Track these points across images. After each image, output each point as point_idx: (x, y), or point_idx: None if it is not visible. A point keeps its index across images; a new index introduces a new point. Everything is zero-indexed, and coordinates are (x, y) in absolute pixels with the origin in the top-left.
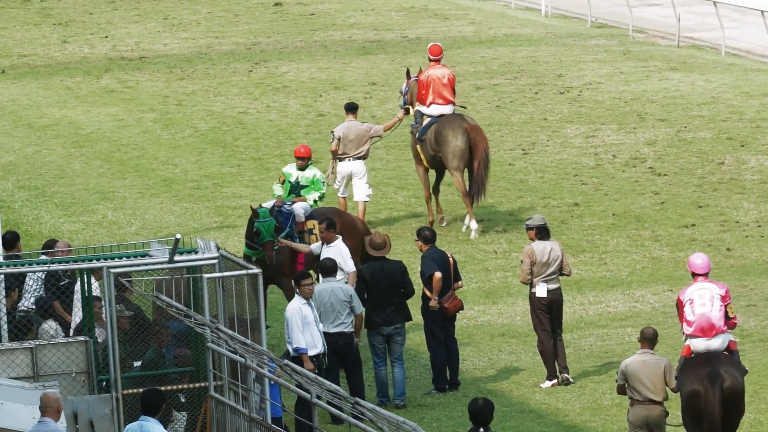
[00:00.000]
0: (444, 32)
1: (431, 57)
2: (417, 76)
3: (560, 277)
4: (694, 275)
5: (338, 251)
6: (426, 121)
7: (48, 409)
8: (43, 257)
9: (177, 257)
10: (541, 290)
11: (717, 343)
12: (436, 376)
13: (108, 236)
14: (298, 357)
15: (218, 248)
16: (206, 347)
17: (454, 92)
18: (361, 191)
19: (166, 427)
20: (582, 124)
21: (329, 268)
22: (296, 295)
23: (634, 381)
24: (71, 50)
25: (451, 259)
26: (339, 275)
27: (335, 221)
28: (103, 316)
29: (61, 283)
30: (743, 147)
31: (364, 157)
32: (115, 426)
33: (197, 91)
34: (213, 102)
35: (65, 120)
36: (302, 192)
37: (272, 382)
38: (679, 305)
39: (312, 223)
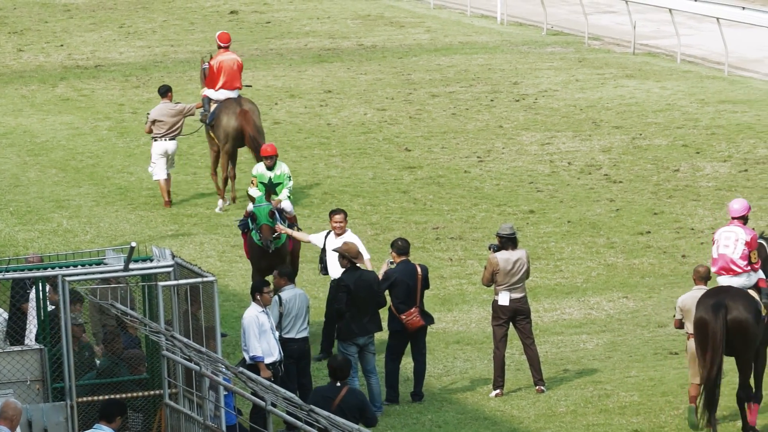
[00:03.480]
0: (400, 40)
1: (220, 44)
2: (208, 63)
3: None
4: (731, 218)
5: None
6: (213, 106)
7: (2, 415)
8: None
9: (132, 265)
10: (503, 298)
11: (740, 281)
12: (387, 387)
13: (63, 244)
14: (255, 365)
15: (173, 256)
16: (161, 355)
17: (240, 78)
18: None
19: None
20: (537, 131)
21: (292, 274)
22: (253, 303)
23: (690, 315)
24: (26, 59)
25: (420, 273)
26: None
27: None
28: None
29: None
30: (698, 154)
31: (176, 136)
32: None
33: (153, 99)
34: None
35: (20, 128)
36: (277, 189)
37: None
38: (712, 244)
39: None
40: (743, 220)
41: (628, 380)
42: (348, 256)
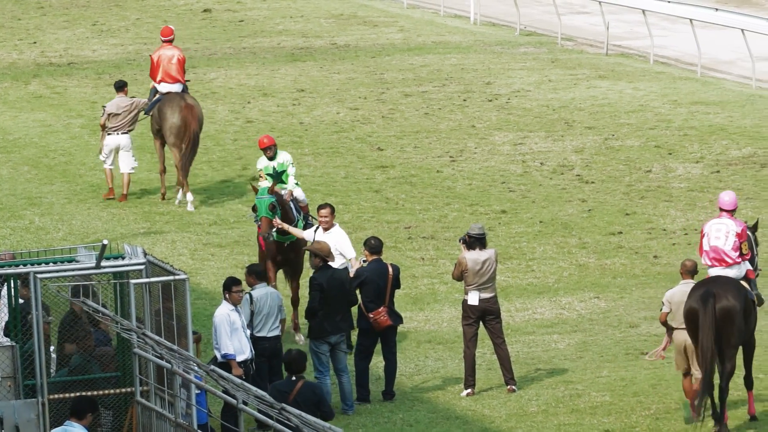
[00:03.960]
0: (373, 39)
1: (162, 38)
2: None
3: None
4: (720, 210)
5: (336, 237)
6: (156, 97)
7: None
8: None
9: (104, 263)
10: (472, 298)
11: (733, 272)
12: (357, 386)
13: (35, 242)
14: (226, 363)
15: (145, 254)
16: (132, 353)
17: (183, 72)
18: (126, 163)
19: None
20: (510, 131)
21: (262, 273)
22: (224, 301)
23: (678, 308)
24: None
25: (391, 272)
26: (339, 260)
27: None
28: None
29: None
30: (671, 155)
31: (130, 131)
32: (41, 431)
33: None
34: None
35: None
36: (283, 177)
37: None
38: (701, 236)
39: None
40: (732, 212)
41: (599, 380)
42: (321, 255)
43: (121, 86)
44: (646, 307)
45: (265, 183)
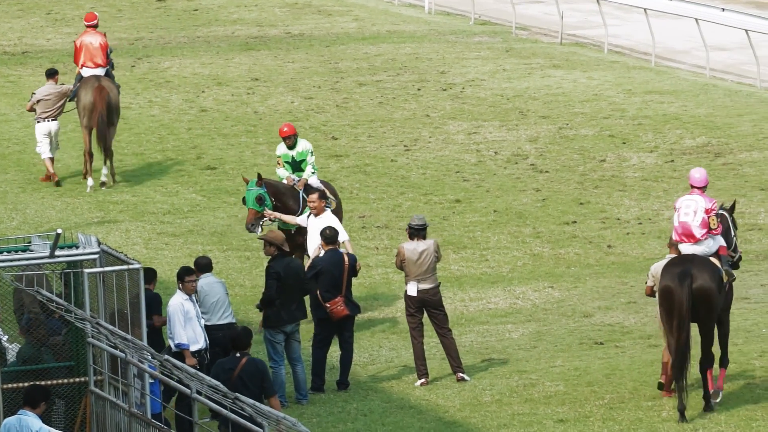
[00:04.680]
0: (327, 28)
1: (86, 23)
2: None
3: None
4: (691, 186)
5: (327, 222)
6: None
7: None
8: None
9: (58, 252)
10: (411, 289)
11: (701, 248)
12: (313, 375)
13: None
14: (180, 352)
15: (99, 243)
16: (86, 342)
17: (107, 57)
18: (52, 148)
19: (46, 423)
20: (464, 120)
21: (205, 265)
22: (178, 291)
23: None
24: None
25: (347, 262)
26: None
27: (325, 193)
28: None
29: None
30: (625, 144)
31: (58, 116)
32: None
33: None
34: None
35: None
36: (302, 166)
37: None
38: (675, 211)
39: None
40: (703, 189)
41: (553, 370)
42: (276, 243)
43: (51, 74)
44: (600, 297)
45: (283, 171)
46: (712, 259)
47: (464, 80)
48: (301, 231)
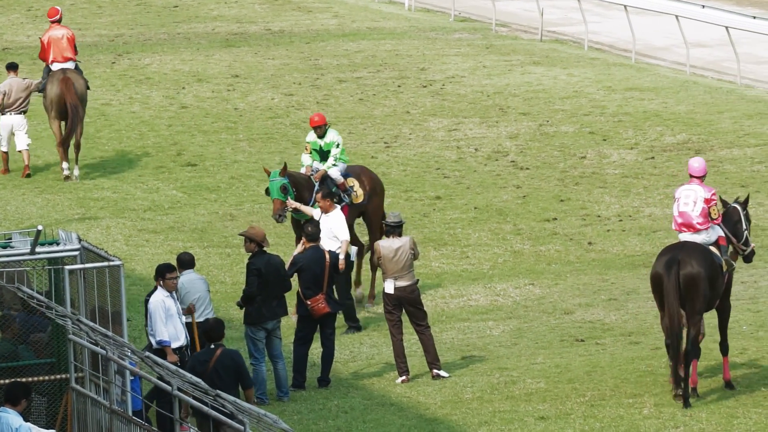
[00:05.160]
0: (307, 25)
1: (50, 19)
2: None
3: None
4: (690, 176)
5: (334, 220)
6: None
7: None
8: None
9: (38, 248)
10: (388, 287)
11: (701, 237)
12: (294, 372)
13: None
14: (161, 349)
15: (80, 240)
16: (67, 339)
17: (74, 50)
18: (22, 141)
19: (27, 420)
20: (444, 117)
21: (187, 261)
22: (159, 287)
23: None
24: None
25: (328, 258)
26: (335, 244)
27: (334, 192)
28: None
29: None
30: (605, 141)
31: (24, 111)
32: None
33: None
34: None
35: None
36: (329, 156)
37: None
38: (674, 201)
39: (351, 181)
40: (702, 179)
41: (534, 367)
42: (256, 240)
43: (13, 67)
44: (580, 294)
45: (307, 158)
46: (711, 248)
47: (444, 77)
48: (312, 222)
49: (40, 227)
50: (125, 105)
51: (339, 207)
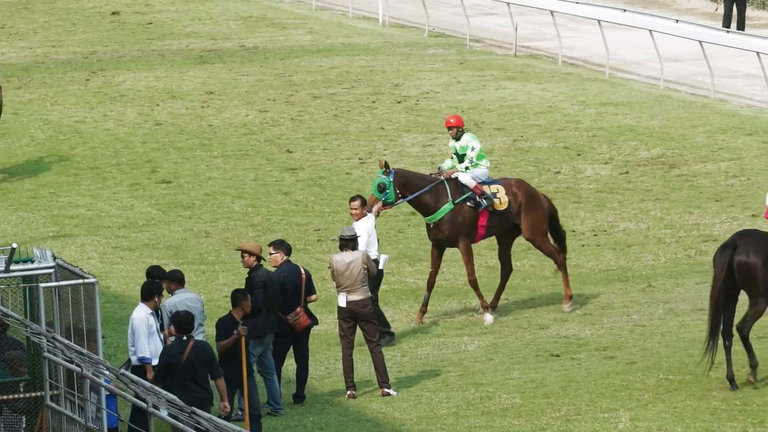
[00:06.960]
0: (282, 41)
1: None
2: None
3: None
4: None
5: (364, 228)
6: None
7: None
8: None
9: (13, 266)
10: (341, 300)
11: None
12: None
13: None
14: (141, 366)
15: (54, 257)
16: (42, 357)
17: None
18: None
19: None
20: (419, 133)
21: (181, 279)
22: (142, 303)
23: None
24: None
25: (303, 273)
26: (371, 249)
27: (366, 200)
28: None
29: None
30: (579, 156)
31: None
32: None
33: (34, 100)
34: (50, 111)
35: None
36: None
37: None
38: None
39: (495, 188)
40: None
41: (509, 382)
42: (256, 253)
43: None
44: (555, 309)
45: (448, 162)
46: None
47: (419, 92)
48: (440, 225)
49: (14, 245)
50: (99, 122)
51: (369, 215)
